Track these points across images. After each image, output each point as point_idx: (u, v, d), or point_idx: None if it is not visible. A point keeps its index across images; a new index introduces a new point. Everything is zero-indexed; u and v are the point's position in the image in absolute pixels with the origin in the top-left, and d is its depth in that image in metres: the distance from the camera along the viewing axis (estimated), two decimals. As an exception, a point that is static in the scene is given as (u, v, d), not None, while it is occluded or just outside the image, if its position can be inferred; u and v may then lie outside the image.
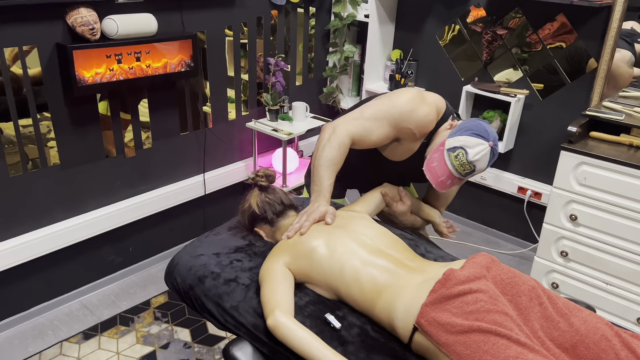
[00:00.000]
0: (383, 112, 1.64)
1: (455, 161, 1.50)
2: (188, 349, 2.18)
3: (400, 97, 1.65)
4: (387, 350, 1.33)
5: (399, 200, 1.81)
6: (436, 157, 1.54)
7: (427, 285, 1.29)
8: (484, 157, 1.50)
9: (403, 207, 1.81)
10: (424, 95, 1.65)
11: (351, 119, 1.66)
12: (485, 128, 1.52)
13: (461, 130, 1.53)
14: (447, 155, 1.51)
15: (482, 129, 1.52)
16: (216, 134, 2.78)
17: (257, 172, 1.69)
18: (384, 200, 1.80)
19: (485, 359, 1.12)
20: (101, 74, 2.13)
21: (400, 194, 1.81)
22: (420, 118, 1.62)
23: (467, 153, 1.49)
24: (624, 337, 1.20)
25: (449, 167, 1.52)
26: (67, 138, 2.22)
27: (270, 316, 1.32)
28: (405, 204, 1.81)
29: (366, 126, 1.64)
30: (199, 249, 1.70)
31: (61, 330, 2.28)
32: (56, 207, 2.27)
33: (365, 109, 1.68)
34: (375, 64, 3.13)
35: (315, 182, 1.61)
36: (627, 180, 2.09)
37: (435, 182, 1.54)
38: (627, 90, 2.43)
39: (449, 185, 1.55)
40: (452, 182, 1.55)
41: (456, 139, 1.51)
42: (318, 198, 1.59)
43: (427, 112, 1.63)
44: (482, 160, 1.50)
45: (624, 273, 2.20)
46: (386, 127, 1.64)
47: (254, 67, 2.86)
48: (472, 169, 1.51)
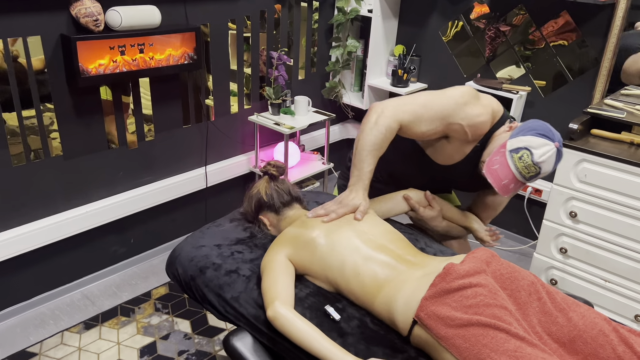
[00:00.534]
0: (435, 102, 1.56)
1: (519, 163, 1.42)
2: (188, 340, 2.19)
3: (455, 90, 1.58)
4: (386, 342, 1.34)
5: (426, 205, 1.74)
6: (497, 160, 1.46)
7: (427, 279, 1.30)
8: (550, 158, 1.41)
9: (432, 212, 1.73)
10: (479, 95, 1.58)
11: (402, 103, 1.57)
12: (549, 128, 1.45)
13: (524, 130, 1.45)
14: (509, 156, 1.43)
15: (546, 128, 1.45)
16: (218, 127, 2.79)
17: (269, 162, 1.71)
18: (408, 204, 1.74)
19: (484, 353, 1.13)
20: (104, 65, 2.13)
21: (427, 198, 1.74)
22: (473, 116, 1.54)
23: (533, 154, 1.40)
24: (622, 332, 1.21)
25: (512, 169, 1.43)
26: (70, 129, 2.23)
27: (270, 307, 1.33)
28: (435, 209, 1.73)
29: (418, 113, 1.54)
30: (200, 240, 1.71)
31: (62, 319, 2.30)
32: (59, 197, 2.29)
33: (417, 96, 1.59)
34: (378, 59, 3.13)
35: (356, 166, 1.54)
36: (627, 178, 2.10)
37: (498, 186, 1.46)
38: (629, 88, 2.44)
39: (512, 189, 1.47)
40: (516, 185, 1.46)
41: (519, 140, 1.43)
42: (356, 184, 1.54)
43: (480, 112, 1.55)
44: (548, 161, 1.42)
45: (622, 270, 2.21)
46: (437, 120, 1.55)
47: (257, 61, 2.86)
48: (538, 172, 1.43)
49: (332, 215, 1.49)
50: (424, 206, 1.74)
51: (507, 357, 1.10)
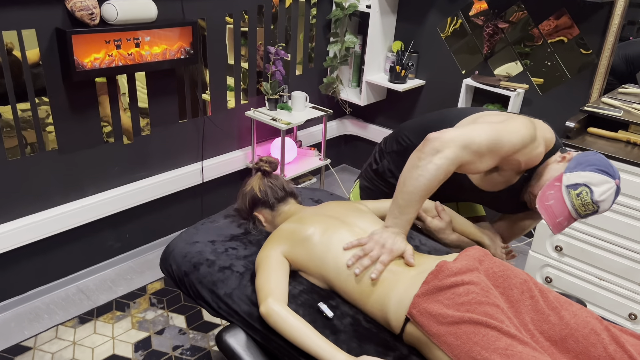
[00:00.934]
0: (503, 142, 1.39)
1: (576, 200, 1.34)
2: (183, 335, 2.20)
3: (518, 127, 1.43)
4: (379, 340, 1.34)
5: (435, 216, 1.67)
6: (552, 195, 1.38)
7: (420, 277, 1.30)
8: (609, 197, 1.34)
9: (440, 223, 1.65)
10: (535, 125, 1.47)
11: (467, 143, 1.37)
12: (610, 163, 1.37)
13: (582, 165, 1.37)
14: (566, 192, 1.35)
15: (607, 164, 1.37)
16: (215, 122, 2.78)
17: (261, 158, 1.70)
18: (418, 215, 1.65)
19: (475, 350, 1.13)
20: (100, 59, 2.12)
21: (437, 209, 1.67)
22: (532, 151, 1.44)
23: (593, 192, 1.32)
24: (613, 331, 1.21)
25: (569, 206, 1.35)
26: (65, 123, 2.22)
27: (263, 303, 1.33)
28: (443, 220, 1.65)
29: (481, 153, 1.39)
30: (194, 236, 1.71)
31: (57, 314, 2.30)
32: (54, 191, 2.28)
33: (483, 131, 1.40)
34: (376, 55, 3.12)
35: (402, 209, 1.38)
36: (623, 177, 2.10)
37: (552, 223, 1.38)
38: (626, 87, 2.43)
39: (565, 226, 1.39)
40: (569, 222, 1.39)
41: (578, 175, 1.35)
42: (397, 228, 1.40)
43: (538, 145, 1.45)
44: (608, 200, 1.34)
45: (617, 269, 2.21)
46: (496, 158, 1.42)
47: (254, 56, 2.85)
48: (595, 210, 1.35)
49: (384, 258, 1.36)
50: (432, 216, 1.66)
51: (498, 354, 1.10)
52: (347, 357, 1.24)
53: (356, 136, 3.60)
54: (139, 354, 2.09)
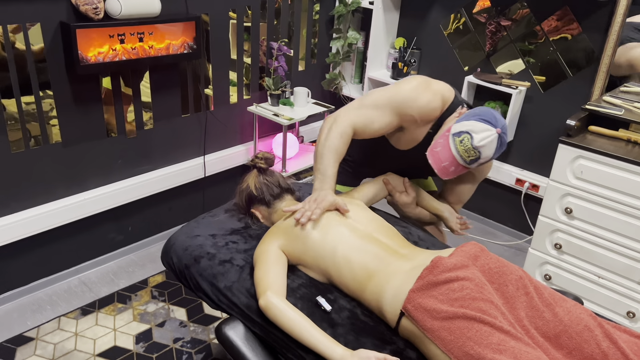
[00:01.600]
0: (385, 99, 1.61)
1: (459, 146, 1.46)
2: (184, 328, 2.22)
3: (405, 84, 1.62)
4: (376, 333, 1.36)
5: (402, 191, 1.78)
6: (441, 142, 1.51)
7: (415, 272, 1.31)
8: (490, 143, 1.46)
9: (407, 198, 1.78)
10: (430, 83, 1.63)
11: (352, 109, 1.64)
12: (494, 114, 1.49)
13: (468, 115, 1.50)
14: (451, 140, 1.48)
15: (490, 115, 1.48)
16: (217, 116, 2.80)
17: (256, 154, 1.72)
18: (387, 189, 1.79)
19: (468, 345, 1.14)
20: (104, 53, 2.14)
21: (405, 185, 1.79)
22: (423, 105, 1.58)
23: (473, 138, 1.45)
24: (607, 328, 1.22)
25: (453, 152, 1.48)
26: (69, 116, 2.24)
27: (262, 297, 1.35)
28: (410, 195, 1.78)
29: (368, 114, 1.61)
30: (195, 229, 1.73)
31: (60, 305, 2.32)
32: (57, 184, 2.30)
33: (367, 97, 1.65)
34: (379, 52, 3.13)
35: (319, 170, 1.59)
36: (623, 175, 2.10)
37: (437, 168, 1.52)
38: (628, 85, 2.43)
39: (453, 172, 1.52)
40: (457, 169, 1.51)
41: (462, 124, 1.48)
42: (323, 185, 1.57)
43: (430, 99, 1.59)
44: (488, 146, 1.46)
45: (616, 267, 2.22)
46: (388, 115, 1.61)
47: (257, 51, 2.86)
48: (477, 156, 1.47)
49: (317, 211, 1.49)
50: (399, 191, 1.78)
51: (491, 350, 1.11)
52: (345, 350, 1.26)
53: (358, 132, 3.61)
54: (139, 346, 2.11)
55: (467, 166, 1.50)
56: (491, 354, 1.12)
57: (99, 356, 2.06)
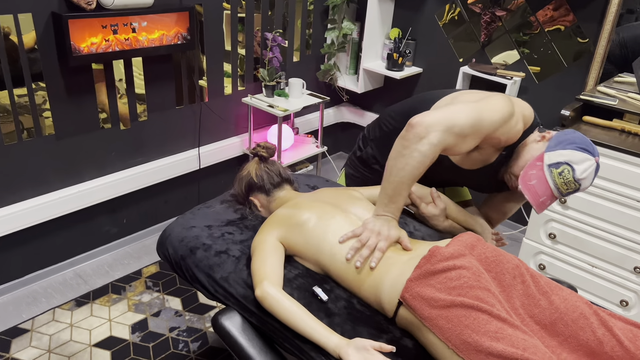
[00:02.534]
0: (477, 121, 1.39)
1: (558, 179, 1.36)
2: (179, 317, 2.22)
3: (498, 103, 1.44)
4: (372, 322, 1.36)
5: (430, 202, 1.65)
6: (535, 174, 1.39)
7: (413, 262, 1.32)
8: (590, 174, 1.35)
9: (434, 210, 1.64)
10: (514, 102, 1.49)
11: (451, 124, 1.36)
12: (589, 141, 1.39)
13: (563, 143, 1.38)
14: (548, 171, 1.37)
15: (587, 142, 1.38)
16: (212, 108, 2.78)
17: (258, 143, 1.71)
18: (410, 199, 1.66)
19: (465, 333, 1.15)
20: (97, 44, 2.12)
21: (432, 196, 1.65)
22: (512, 128, 1.45)
23: (574, 170, 1.34)
24: (602, 315, 1.23)
25: (551, 185, 1.37)
26: (62, 108, 2.22)
27: (258, 287, 1.35)
28: (438, 207, 1.64)
29: (465, 134, 1.39)
30: (191, 220, 1.72)
31: (54, 298, 2.32)
32: (51, 176, 2.29)
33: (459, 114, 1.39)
34: (374, 42, 3.12)
35: (390, 197, 1.40)
36: (617, 165, 2.11)
37: (536, 203, 1.39)
38: (622, 76, 2.44)
39: (548, 205, 1.41)
40: (551, 201, 1.41)
41: (559, 154, 1.36)
42: (388, 215, 1.41)
43: (517, 121, 1.46)
44: (589, 178, 1.36)
45: (609, 256, 2.23)
46: (477, 139, 1.43)
47: (251, 42, 2.84)
48: (577, 188, 1.37)
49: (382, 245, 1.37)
50: (426, 203, 1.66)
51: (488, 337, 1.12)
52: (341, 338, 1.26)
53: (353, 124, 3.61)
54: (135, 336, 2.12)
55: (561, 198, 1.42)
56: (488, 341, 1.12)
57: (95, 346, 2.06)
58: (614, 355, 1.18)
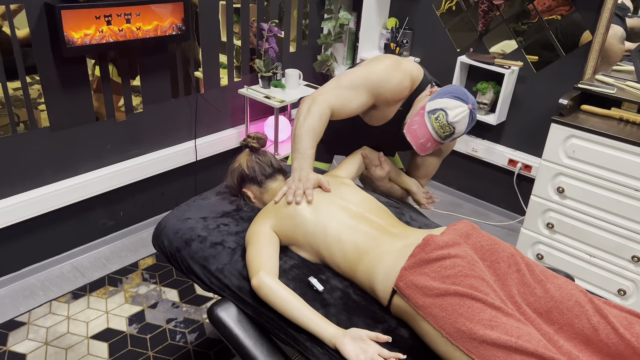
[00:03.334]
0: (360, 79, 1.65)
1: (435, 123, 1.54)
2: (176, 309, 2.22)
3: (377, 65, 1.66)
4: (368, 313, 1.36)
5: (377, 165, 1.84)
6: (417, 120, 1.57)
7: (407, 250, 1.31)
8: (463, 119, 1.53)
9: (381, 172, 1.83)
10: (400, 62, 1.67)
11: (329, 89, 1.66)
12: (464, 91, 1.56)
13: (441, 93, 1.56)
14: (427, 117, 1.55)
15: (461, 92, 1.55)
16: (208, 99, 2.77)
17: (249, 134, 1.71)
18: (364, 163, 1.83)
19: (460, 321, 1.14)
20: (90, 35, 2.10)
21: (380, 159, 1.83)
22: (394, 85, 1.65)
23: (447, 114, 1.52)
24: (597, 303, 1.23)
25: (429, 129, 1.55)
26: (56, 100, 2.21)
27: (254, 277, 1.34)
28: (384, 169, 1.83)
29: (345, 95, 1.65)
30: (186, 212, 1.71)
31: (52, 290, 2.32)
32: (47, 169, 2.28)
33: (342, 78, 1.68)
34: (371, 32, 3.10)
35: (298, 150, 1.60)
36: (615, 154, 2.10)
37: (416, 144, 1.58)
38: (620, 64, 2.42)
39: (429, 148, 1.58)
40: (432, 144, 1.58)
41: (436, 102, 1.54)
42: (302, 165, 1.59)
43: (401, 79, 1.65)
44: (461, 122, 1.54)
45: (607, 245, 2.23)
46: (363, 95, 1.65)
47: (247, 33, 2.82)
48: (452, 131, 1.54)
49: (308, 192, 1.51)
50: (375, 165, 1.83)
51: (482, 326, 1.12)
52: (336, 329, 1.26)
53: (351, 115, 3.59)
54: (133, 327, 2.11)
55: (441, 142, 1.58)
56: (482, 329, 1.12)
57: (92, 338, 2.06)
58: (609, 342, 1.17)
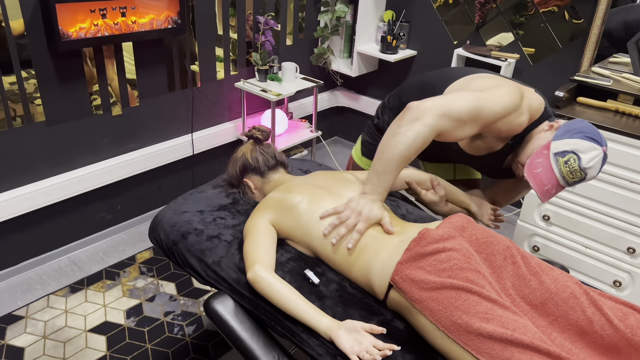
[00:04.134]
0: (476, 110, 1.39)
1: (564, 168, 1.35)
2: (174, 302, 2.23)
3: (502, 96, 1.42)
4: (364, 305, 1.37)
5: (429, 189, 1.66)
6: (540, 163, 1.38)
7: (402, 245, 1.31)
8: (597, 164, 1.34)
9: (434, 197, 1.64)
10: (523, 95, 1.47)
11: (448, 110, 1.37)
12: (596, 131, 1.38)
13: (570, 132, 1.37)
14: (554, 160, 1.36)
15: (594, 131, 1.37)
16: (204, 93, 2.76)
17: (254, 126, 1.71)
18: (411, 187, 1.66)
19: (455, 315, 1.15)
20: (85, 29, 2.09)
21: (432, 183, 1.66)
22: (514, 120, 1.44)
23: (580, 159, 1.32)
24: (592, 295, 1.23)
25: (557, 174, 1.36)
26: (52, 94, 2.20)
27: (250, 270, 1.35)
28: (437, 194, 1.64)
29: (462, 121, 1.39)
30: (183, 206, 1.72)
31: (50, 285, 2.32)
32: (43, 163, 2.28)
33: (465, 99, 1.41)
34: (368, 25, 3.09)
35: (379, 175, 1.40)
36: (610, 146, 2.11)
37: (541, 192, 1.39)
38: (617, 56, 2.42)
39: (554, 194, 1.40)
40: (557, 190, 1.39)
41: (565, 142, 1.35)
42: (373, 195, 1.41)
43: (521, 114, 1.45)
44: (595, 167, 1.34)
45: (603, 237, 2.24)
46: (476, 128, 1.43)
47: (244, 26, 2.81)
48: (583, 177, 1.35)
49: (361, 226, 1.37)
50: (426, 189, 1.66)
51: (478, 318, 1.12)
52: (332, 320, 1.26)
53: (348, 108, 3.59)
54: (130, 320, 2.12)
55: (567, 187, 1.40)
56: (478, 322, 1.12)
57: (90, 332, 2.06)
58: (603, 334, 1.18)
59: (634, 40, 2.27)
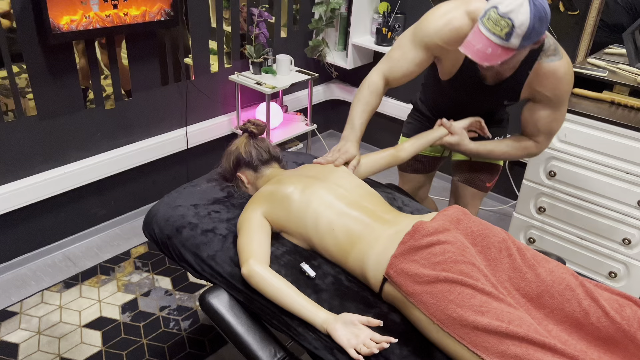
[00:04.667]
0: (406, 37, 1.63)
1: (487, 23, 1.32)
2: (169, 296, 2.22)
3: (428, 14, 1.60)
4: (360, 298, 1.36)
5: (447, 134, 1.75)
6: (470, 32, 1.40)
7: (397, 237, 1.31)
8: (518, 7, 1.28)
9: (452, 139, 1.74)
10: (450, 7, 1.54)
11: (382, 59, 1.69)
12: None
13: None
14: (479, 22, 1.36)
15: None
16: (198, 86, 2.74)
17: (249, 120, 1.70)
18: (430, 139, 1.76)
19: (450, 308, 1.15)
20: (77, 21, 2.07)
21: (445, 125, 1.74)
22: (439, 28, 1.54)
23: (498, 7, 1.31)
24: (588, 286, 1.23)
25: (484, 31, 1.33)
26: (44, 88, 2.17)
27: (245, 265, 1.34)
28: (455, 134, 1.73)
29: (391, 57, 1.65)
30: (177, 200, 1.70)
31: (44, 280, 2.30)
32: (36, 158, 2.25)
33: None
34: (362, 17, 3.07)
35: (348, 121, 1.71)
36: (606, 137, 2.10)
37: (472, 53, 1.37)
38: (612, 47, 2.42)
39: (491, 54, 1.35)
40: (495, 50, 1.34)
41: (486, 4, 1.37)
42: (349, 136, 1.68)
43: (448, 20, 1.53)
44: (517, 10, 1.28)
45: (598, 228, 2.24)
46: (411, 50, 1.61)
47: (237, 18, 2.79)
48: (510, 24, 1.29)
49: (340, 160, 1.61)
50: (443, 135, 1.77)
51: (473, 312, 1.12)
52: (328, 314, 1.26)
53: (343, 101, 3.57)
54: (126, 315, 2.11)
55: (506, 45, 1.33)
56: (473, 315, 1.12)
57: (85, 327, 2.05)
58: (599, 325, 1.18)
59: (630, 31, 2.26)
